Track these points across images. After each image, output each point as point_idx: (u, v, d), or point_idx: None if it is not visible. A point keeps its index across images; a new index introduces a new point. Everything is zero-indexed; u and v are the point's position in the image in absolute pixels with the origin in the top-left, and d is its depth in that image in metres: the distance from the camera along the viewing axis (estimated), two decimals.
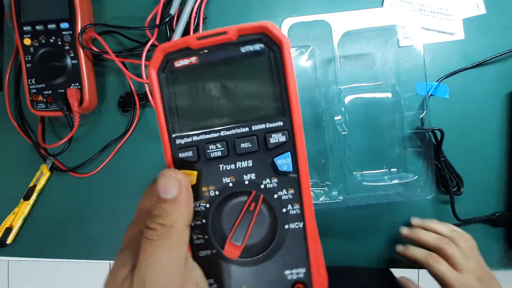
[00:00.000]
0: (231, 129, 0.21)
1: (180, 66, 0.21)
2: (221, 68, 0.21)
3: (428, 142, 0.43)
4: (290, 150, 0.21)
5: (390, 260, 0.47)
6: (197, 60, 0.21)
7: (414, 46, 0.42)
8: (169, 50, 0.21)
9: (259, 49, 0.21)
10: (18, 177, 0.52)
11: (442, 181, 0.46)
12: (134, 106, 0.49)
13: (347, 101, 0.47)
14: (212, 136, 0.21)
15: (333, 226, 0.47)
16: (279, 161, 0.21)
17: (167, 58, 0.21)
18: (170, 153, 0.22)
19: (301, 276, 0.21)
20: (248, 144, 0.21)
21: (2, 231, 0.51)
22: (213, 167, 0.21)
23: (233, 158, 0.21)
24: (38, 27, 0.45)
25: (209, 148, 0.21)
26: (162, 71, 0.21)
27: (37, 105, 0.47)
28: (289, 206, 0.21)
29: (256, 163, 0.21)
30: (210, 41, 0.21)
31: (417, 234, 0.44)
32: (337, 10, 0.46)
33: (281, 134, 0.21)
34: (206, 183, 0.22)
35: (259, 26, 0.20)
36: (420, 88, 0.43)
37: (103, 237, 0.51)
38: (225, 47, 0.21)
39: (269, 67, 0.21)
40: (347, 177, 0.43)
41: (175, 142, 0.22)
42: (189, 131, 0.22)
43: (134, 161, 0.51)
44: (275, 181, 0.21)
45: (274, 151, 0.21)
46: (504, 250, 0.47)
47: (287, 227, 0.21)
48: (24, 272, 1.36)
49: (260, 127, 0.21)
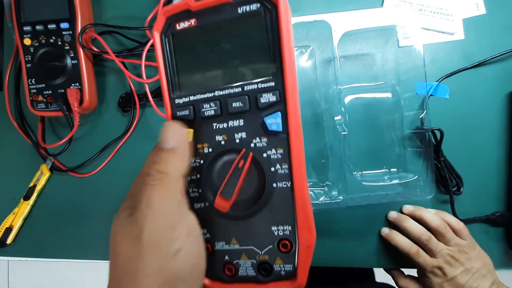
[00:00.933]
0: (224, 89, 0.22)
1: (181, 29, 0.22)
2: (219, 29, 0.22)
3: (428, 142, 0.43)
4: (281, 110, 0.21)
5: (390, 260, 0.47)
6: (196, 23, 0.22)
7: (414, 46, 0.42)
8: (171, 13, 0.22)
9: (255, 9, 0.21)
10: (18, 177, 0.52)
11: (442, 181, 0.46)
12: (134, 106, 0.49)
13: (347, 101, 0.47)
14: (207, 96, 0.22)
15: (333, 226, 0.47)
16: (269, 121, 0.21)
17: (169, 21, 0.22)
18: (170, 112, 0.23)
19: (287, 233, 0.22)
20: (239, 104, 0.22)
21: (2, 231, 0.51)
22: (208, 126, 0.22)
23: (225, 117, 0.22)
24: (38, 27, 0.45)
25: (204, 107, 0.22)
26: (165, 34, 0.22)
27: (37, 105, 0.47)
28: (278, 166, 0.22)
29: (247, 122, 0.22)
30: (208, 2, 0.21)
31: (403, 222, 0.45)
32: (337, 10, 0.46)
33: (271, 94, 0.21)
34: (200, 141, 0.23)
35: None
36: (420, 88, 0.43)
37: (103, 237, 0.51)
38: (223, 8, 0.21)
39: (264, 27, 0.21)
40: (347, 177, 0.43)
41: (174, 102, 0.23)
42: (187, 91, 0.23)
43: (134, 161, 0.51)
44: (265, 141, 0.22)
45: (264, 111, 0.21)
46: (504, 250, 0.47)
47: (275, 185, 0.22)
48: (24, 272, 1.37)
49: (252, 88, 0.21)
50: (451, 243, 0.43)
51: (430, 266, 0.43)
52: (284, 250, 0.22)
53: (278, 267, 0.22)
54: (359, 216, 0.47)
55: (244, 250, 0.23)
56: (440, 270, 0.42)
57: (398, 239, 0.45)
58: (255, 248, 0.23)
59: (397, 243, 0.45)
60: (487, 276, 0.42)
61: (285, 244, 0.22)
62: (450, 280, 0.42)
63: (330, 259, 0.48)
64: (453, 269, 0.42)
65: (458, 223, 0.44)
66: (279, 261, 0.22)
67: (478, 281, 0.41)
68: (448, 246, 0.43)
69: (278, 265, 0.22)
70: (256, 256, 0.23)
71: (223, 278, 0.23)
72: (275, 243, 0.22)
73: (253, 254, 0.23)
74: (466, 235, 0.44)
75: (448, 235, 0.43)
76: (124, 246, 0.21)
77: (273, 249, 0.22)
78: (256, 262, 0.23)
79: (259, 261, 0.23)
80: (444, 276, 0.42)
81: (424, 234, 0.44)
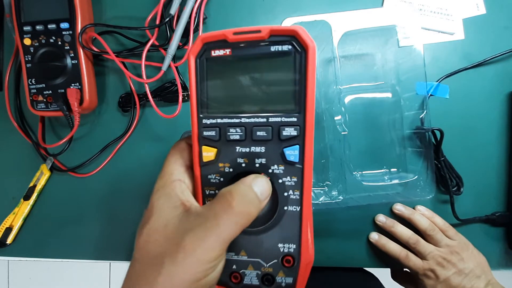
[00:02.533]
0: (251, 118, 0.24)
1: (216, 56, 0.24)
2: (251, 62, 0.24)
3: (428, 142, 0.43)
4: (299, 144, 0.24)
5: (390, 260, 0.47)
6: (230, 52, 0.24)
7: (414, 46, 0.42)
8: (208, 40, 0.24)
9: (287, 50, 0.23)
10: (18, 177, 0.52)
11: (442, 181, 0.46)
12: (134, 106, 0.49)
13: (347, 101, 0.47)
14: (234, 121, 0.24)
15: (333, 226, 0.47)
16: (288, 152, 0.24)
17: (206, 47, 0.24)
18: (197, 130, 0.25)
19: (291, 250, 0.25)
20: (263, 133, 0.24)
21: (2, 231, 0.51)
22: (231, 148, 0.24)
23: (249, 143, 0.24)
24: (38, 27, 0.45)
25: (230, 131, 0.24)
26: (200, 58, 0.24)
27: (37, 105, 0.47)
28: (290, 191, 0.24)
29: (268, 150, 0.24)
30: (245, 37, 0.23)
31: (392, 228, 0.45)
32: (337, 10, 0.46)
33: (293, 129, 0.23)
34: (222, 160, 0.25)
35: (291, 29, 0.23)
36: (420, 88, 0.43)
37: (103, 237, 0.51)
38: (257, 44, 0.23)
39: (293, 67, 0.23)
40: (347, 177, 0.43)
41: (202, 121, 0.25)
42: (215, 114, 0.24)
43: (134, 161, 0.51)
44: (282, 168, 0.24)
45: (285, 142, 0.24)
46: (504, 250, 0.47)
47: (286, 208, 0.25)
48: (24, 272, 1.37)
49: (276, 120, 0.24)
50: (441, 244, 0.43)
51: (421, 269, 0.43)
52: (287, 265, 0.25)
53: (280, 279, 0.25)
54: (359, 216, 0.47)
55: (252, 262, 0.25)
56: (432, 272, 0.42)
57: (387, 245, 0.45)
58: (261, 261, 0.25)
59: (386, 250, 0.45)
60: (481, 277, 0.42)
61: (288, 260, 0.25)
62: (442, 282, 0.42)
63: (330, 259, 0.48)
64: (445, 271, 0.42)
65: (444, 223, 0.45)
66: (281, 274, 0.25)
67: (472, 281, 0.41)
68: (438, 248, 0.43)
69: (280, 277, 0.25)
70: (261, 268, 0.25)
71: (229, 285, 0.26)
72: (279, 258, 0.25)
73: (259, 266, 0.25)
74: (453, 235, 0.44)
75: (437, 236, 0.43)
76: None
77: (277, 263, 0.25)
78: (261, 273, 0.25)
79: (263, 272, 0.25)
80: (437, 278, 0.42)
81: (411, 238, 0.44)
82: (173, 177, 0.24)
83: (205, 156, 0.25)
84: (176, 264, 0.20)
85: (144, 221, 0.23)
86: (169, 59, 0.46)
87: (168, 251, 0.20)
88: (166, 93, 0.48)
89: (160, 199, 0.23)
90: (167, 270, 0.20)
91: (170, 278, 0.20)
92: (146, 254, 0.21)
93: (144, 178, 0.50)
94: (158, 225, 0.22)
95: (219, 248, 0.21)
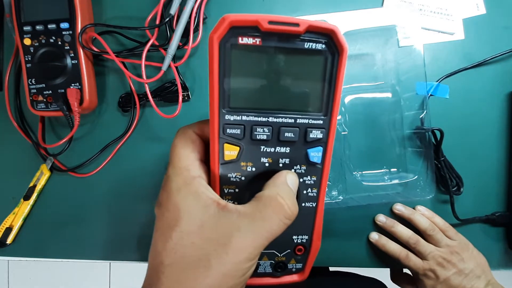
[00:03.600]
0: (278, 117, 0.23)
1: (244, 44, 0.21)
2: (281, 56, 0.22)
3: (428, 142, 0.43)
4: (322, 146, 0.24)
5: (390, 260, 0.47)
6: (261, 42, 0.21)
7: (414, 46, 0.42)
8: (238, 24, 0.21)
9: (320, 49, 0.22)
10: (18, 177, 0.52)
11: (442, 181, 0.46)
12: (134, 106, 0.49)
13: (347, 101, 0.47)
14: (260, 120, 0.23)
15: (333, 226, 0.47)
16: (312, 153, 0.24)
17: (233, 31, 0.21)
18: (217, 126, 0.23)
19: (304, 241, 0.26)
20: (291, 134, 0.23)
21: (2, 231, 0.51)
22: (255, 147, 0.24)
23: (274, 143, 0.24)
24: (38, 27, 0.45)
25: (257, 130, 0.23)
26: (225, 43, 0.21)
27: (37, 105, 0.47)
28: (309, 189, 0.25)
29: (293, 150, 0.24)
30: (280, 28, 0.21)
31: (392, 228, 0.45)
32: (337, 10, 0.46)
33: (319, 132, 0.24)
34: (245, 159, 0.24)
35: (329, 28, 0.21)
36: (420, 88, 0.43)
37: (103, 237, 0.51)
38: (291, 37, 0.21)
39: (324, 68, 0.22)
40: (347, 177, 0.43)
41: (224, 117, 0.23)
42: (239, 109, 0.23)
43: (134, 161, 0.51)
44: (304, 168, 0.25)
45: (310, 144, 0.24)
46: (504, 250, 0.47)
47: (304, 204, 0.25)
48: (24, 272, 1.37)
49: (304, 121, 0.23)
50: (441, 244, 0.43)
51: (421, 269, 0.43)
52: (299, 253, 0.27)
53: (291, 265, 0.27)
54: (359, 216, 0.47)
55: (267, 253, 0.26)
56: (432, 272, 0.42)
57: (388, 245, 0.45)
58: (275, 251, 0.26)
59: (386, 250, 0.45)
60: (481, 277, 0.42)
61: (300, 249, 0.26)
62: (443, 282, 0.42)
63: (330, 259, 0.48)
64: (445, 271, 0.42)
65: (444, 223, 0.45)
66: (293, 261, 0.27)
67: (472, 282, 0.41)
68: (438, 248, 0.43)
69: (292, 264, 0.27)
70: (275, 257, 0.27)
71: None
72: (292, 248, 0.26)
73: (273, 256, 0.27)
74: (453, 235, 0.44)
75: (437, 236, 0.43)
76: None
77: (290, 252, 0.27)
78: (274, 262, 0.27)
79: (277, 261, 0.27)
80: (437, 278, 0.42)
81: (411, 238, 0.44)
82: (192, 173, 0.22)
83: (226, 155, 0.23)
84: (225, 264, 0.20)
85: (170, 224, 0.21)
86: (169, 59, 0.46)
87: (213, 252, 0.20)
88: (166, 93, 0.48)
89: (187, 199, 0.21)
90: (217, 271, 0.20)
91: (220, 279, 0.20)
92: (182, 259, 0.20)
93: (144, 178, 0.50)
94: (192, 227, 0.21)
95: (264, 246, 0.21)
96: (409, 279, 0.50)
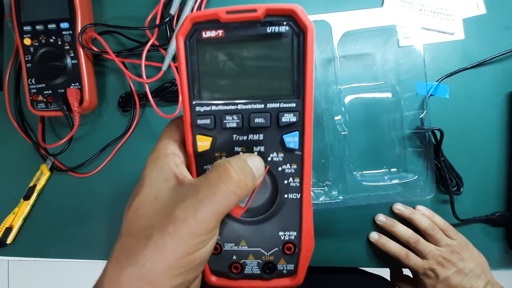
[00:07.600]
0: (248, 104, 0.23)
1: (207, 37, 0.22)
2: (245, 44, 0.22)
3: (428, 142, 0.43)
4: (299, 130, 0.23)
5: (390, 260, 0.47)
6: (223, 34, 0.22)
7: (414, 46, 0.42)
8: (198, 20, 0.22)
9: (284, 31, 0.22)
10: (18, 177, 0.52)
11: (442, 181, 0.46)
12: (134, 106, 0.49)
13: (347, 101, 0.47)
14: (230, 108, 0.23)
15: (333, 226, 0.47)
16: (287, 139, 0.23)
17: (196, 27, 0.22)
18: (189, 119, 0.23)
19: (292, 238, 0.24)
20: (261, 120, 0.23)
21: (2, 231, 0.51)
22: (227, 136, 0.23)
23: (246, 130, 0.23)
24: (38, 27, 0.45)
25: (226, 118, 0.23)
26: (189, 39, 0.22)
27: (37, 105, 0.47)
28: (290, 179, 0.24)
29: (267, 137, 0.23)
30: (238, 16, 0.21)
31: (392, 227, 0.45)
32: (337, 10, 0.46)
33: (292, 115, 0.22)
34: (219, 149, 0.23)
35: (288, 9, 0.21)
36: (420, 88, 0.43)
37: (103, 237, 0.51)
38: (252, 24, 0.22)
39: (290, 50, 0.22)
40: (347, 177, 0.43)
41: (195, 109, 0.23)
42: (208, 100, 0.23)
43: (134, 161, 0.51)
44: (281, 156, 0.23)
45: (284, 129, 0.23)
46: (504, 250, 0.47)
47: (286, 196, 0.24)
48: (24, 272, 1.37)
49: (274, 106, 0.23)
50: (441, 243, 0.43)
51: (421, 268, 0.43)
52: (288, 252, 0.24)
53: (281, 266, 0.25)
54: (359, 216, 0.47)
55: (252, 251, 0.25)
56: (432, 271, 0.43)
57: (388, 245, 0.45)
58: (262, 250, 0.25)
59: (386, 249, 0.45)
60: (481, 276, 0.42)
61: (289, 247, 0.24)
62: (442, 281, 0.42)
63: (330, 259, 0.48)
64: (445, 270, 0.42)
65: (444, 222, 0.45)
66: (283, 261, 0.25)
67: (471, 281, 0.41)
68: (438, 247, 0.43)
69: (281, 265, 0.25)
70: (262, 257, 0.25)
71: (230, 276, 0.25)
72: (280, 246, 0.25)
73: (259, 255, 0.25)
74: (453, 235, 0.44)
75: (437, 235, 0.43)
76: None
77: (278, 251, 0.25)
78: (262, 262, 0.25)
79: (264, 261, 0.25)
80: (437, 277, 0.42)
81: (412, 237, 0.44)
82: (167, 151, 0.23)
83: (200, 146, 0.23)
84: (165, 237, 0.19)
85: (134, 194, 0.22)
86: (169, 59, 0.46)
87: (157, 223, 0.19)
88: (166, 93, 0.48)
89: (152, 172, 0.22)
90: (155, 243, 0.19)
91: (158, 251, 0.19)
92: (134, 228, 0.20)
93: None
94: (148, 197, 0.21)
95: (213, 220, 0.20)
96: (409, 280, 0.50)
